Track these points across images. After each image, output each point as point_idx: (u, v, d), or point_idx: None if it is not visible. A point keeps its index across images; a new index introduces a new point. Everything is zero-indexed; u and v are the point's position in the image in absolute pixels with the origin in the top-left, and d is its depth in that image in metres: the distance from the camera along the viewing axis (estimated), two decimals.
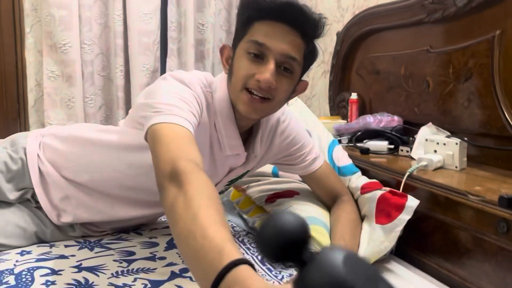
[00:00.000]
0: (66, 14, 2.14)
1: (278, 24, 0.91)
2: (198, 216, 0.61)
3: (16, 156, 1.17)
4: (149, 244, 1.22)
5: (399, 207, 1.07)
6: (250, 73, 0.91)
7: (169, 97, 0.87)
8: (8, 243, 1.13)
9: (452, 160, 1.23)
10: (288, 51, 0.91)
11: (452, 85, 1.38)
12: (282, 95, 0.96)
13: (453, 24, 1.39)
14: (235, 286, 0.51)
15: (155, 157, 0.78)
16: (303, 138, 1.20)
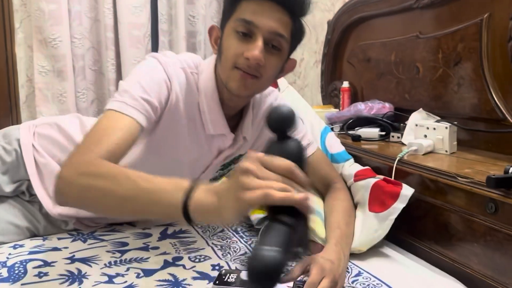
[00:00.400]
0: (56, 8, 2.13)
1: (265, 2, 0.92)
2: (127, 174, 0.73)
3: (9, 148, 1.17)
4: (142, 235, 1.22)
5: (394, 195, 1.07)
6: (239, 51, 0.92)
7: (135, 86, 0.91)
8: (1, 240, 1.13)
9: (442, 144, 1.24)
10: (276, 29, 0.92)
11: (442, 70, 1.39)
12: (270, 72, 0.96)
13: (442, 9, 1.39)
14: (204, 193, 0.64)
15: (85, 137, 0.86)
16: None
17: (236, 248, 1.15)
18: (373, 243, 1.10)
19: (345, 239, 1.03)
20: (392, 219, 1.08)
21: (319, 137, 1.38)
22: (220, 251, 1.13)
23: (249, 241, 1.20)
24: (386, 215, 1.08)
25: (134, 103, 0.89)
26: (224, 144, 1.09)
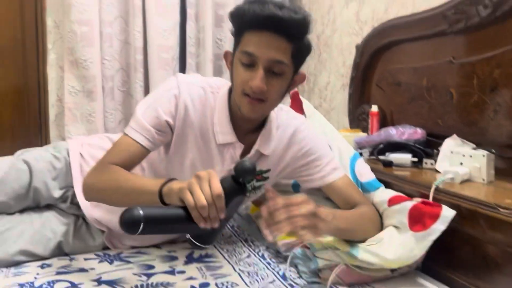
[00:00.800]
0: (88, 31, 2.17)
1: (264, 32, 0.99)
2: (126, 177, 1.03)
3: (59, 156, 1.30)
4: (168, 258, 1.21)
5: (434, 216, 1.02)
6: (245, 80, 1.03)
7: (140, 112, 1.10)
8: (33, 250, 1.16)
9: (479, 173, 1.20)
10: (274, 57, 1.01)
11: (477, 96, 1.35)
12: (275, 94, 1.06)
13: (477, 34, 1.36)
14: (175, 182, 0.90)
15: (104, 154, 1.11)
16: (320, 149, 1.22)
17: (263, 275, 1.12)
18: (406, 262, 1.05)
19: (343, 217, 1.06)
20: (430, 240, 1.02)
21: (348, 165, 1.35)
22: (248, 278, 1.10)
23: (277, 267, 1.17)
24: (425, 235, 1.03)
25: (140, 129, 1.08)
26: (235, 153, 1.15)
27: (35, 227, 1.19)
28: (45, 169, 1.27)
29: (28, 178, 1.24)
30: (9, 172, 1.24)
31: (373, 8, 1.94)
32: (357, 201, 1.19)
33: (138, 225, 0.78)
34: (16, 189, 1.23)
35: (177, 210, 0.84)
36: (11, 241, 1.15)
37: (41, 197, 1.25)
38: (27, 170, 1.25)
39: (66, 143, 1.35)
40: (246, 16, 1.00)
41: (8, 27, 2.28)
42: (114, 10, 2.29)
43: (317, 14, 2.40)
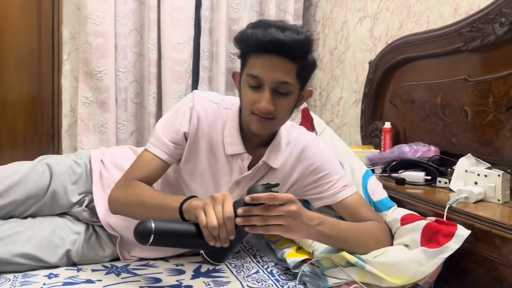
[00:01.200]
0: (103, 42, 2.20)
1: (268, 56, 1.03)
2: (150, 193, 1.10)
3: (80, 161, 1.34)
4: (176, 272, 1.19)
5: (448, 235, 1.00)
6: (252, 101, 1.07)
7: (160, 128, 1.18)
8: (41, 256, 1.16)
9: (494, 193, 1.17)
10: (279, 78, 1.04)
11: (493, 115, 1.33)
12: (283, 112, 1.10)
13: (493, 53, 1.35)
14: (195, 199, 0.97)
15: (128, 169, 1.19)
16: (330, 167, 1.22)
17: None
18: (414, 278, 1.01)
19: (335, 225, 1.06)
20: (442, 258, 0.99)
21: (360, 182, 1.33)
22: None
23: (285, 285, 1.15)
24: (437, 252, 1.00)
25: (159, 144, 1.16)
26: (243, 164, 1.17)
27: (45, 233, 1.20)
28: (66, 173, 1.29)
29: (48, 180, 1.27)
30: (29, 173, 1.26)
31: (387, 25, 1.94)
32: (368, 219, 1.18)
33: (149, 236, 0.86)
34: (35, 190, 1.25)
35: (189, 226, 0.92)
36: (19, 244, 1.15)
37: (58, 200, 1.27)
38: (48, 173, 1.28)
39: (88, 152, 1.39)
40: (250, 41, 1.04)
41: (25, 38, 2.32)
42: (129, 23, 2.32)
43: (331, 30, 2.41)
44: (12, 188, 1.23)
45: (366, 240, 1.10)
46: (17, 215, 1.25)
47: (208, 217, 0.88)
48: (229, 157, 1.17)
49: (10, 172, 1.25)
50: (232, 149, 1.16)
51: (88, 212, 1.28)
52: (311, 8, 2.63)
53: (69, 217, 1.28)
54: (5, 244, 1.14)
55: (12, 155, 2.26)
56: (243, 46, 1.08)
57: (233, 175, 1.18)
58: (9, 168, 1.28)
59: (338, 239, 1.07)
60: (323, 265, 1.10)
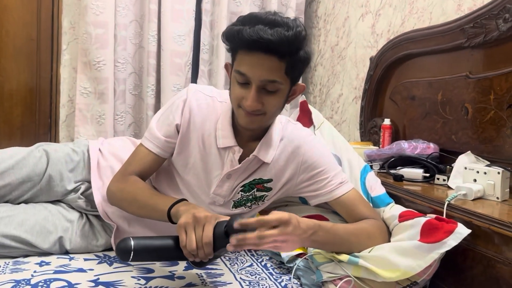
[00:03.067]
0: (102, 33, 2.18)
1: (255, 53, 0.99)
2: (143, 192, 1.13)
3: (78, 150, 1.33)
4: (169, 263, 1.18)
5: (447, 231, 0.98)
6: (240, 96, 1.05)
7: (154, 122, 1.19)
8: (33, 241, 1.16)
9: (493, 190, 1.16)
10: (266, 77, 1.01)
11: (493, 112, 1.31)
12: (272, 108, 1.07)
13: (495, 49, 1.33)
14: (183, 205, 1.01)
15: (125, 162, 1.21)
16: (326, 163, 1.19)
17: (265, 286, 1.09)
18: (408, 273, 0.98)
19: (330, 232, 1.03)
20: (438, 253, 0.97)
21: (358, 177, 1.31)
22: (248, 287, 1.07)
23: (279, 278, 1.13)
24: (433, 247, 0.97)
25: (152, 138, 1.17)
26: (234, 158, 1.15)
27: (37, 218, 1.19)
28: (63, 159, 1.29)
29: (45, 165, 1.26)
30: (26, 158, 1.26)
31: (389, 21, 1.92)
32: (365, 216, 1.16)
33: (129, 254, 0.90)
34: (31, 174, 1.24)
35: (169, 241, 0.95)
36: (11, 227, 1.14)
37: (53, 187, 1.26)
38: (45, 158, 1.28)
39: (86, 141, 1.39)
40: (236, 38, 1.01)
41: (24, 27, 2.30)
42: (129, 14, 2.30)
43: (332, 26, 2.39)
44: (7, 171, 1.22)
45: (362, 242, 1.08)
46: (12, 199, 1.24)
47: (188, 239, 0.92)
48: (221, 150, 1.16)
49: (7, 156, 1.25)
50: (223, 142, 1.15)
51: (83, 201, 1.27)
52: (313, 3, 2.61)
53: (63, 205, 1.27)
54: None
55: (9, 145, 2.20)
56: (230, 42, 1.05)
57: (224, 168, 1.16)
58: (6, 151, 1.27)
59: (333, 245, 1.05)
60: (317, 260, 1.09)
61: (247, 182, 1.18)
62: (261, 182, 1.20)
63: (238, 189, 1.19)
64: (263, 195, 1.22)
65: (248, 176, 1.18)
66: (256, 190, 1.20)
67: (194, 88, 1.19)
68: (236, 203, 1.21)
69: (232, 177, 1.17)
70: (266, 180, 1.19)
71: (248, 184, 1.19)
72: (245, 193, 1.20)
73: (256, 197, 1.22)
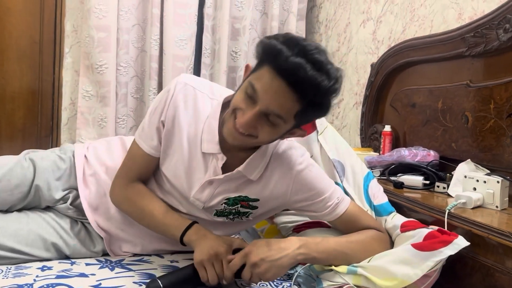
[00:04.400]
0: (105, 36, 2.20)
1: (279, 80, 0.91)
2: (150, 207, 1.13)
3: (64, 157, 1.27)
4: (170, 268, 1.18)
5: (445, 242, 0.98)
6: (239, 106, 0.97)
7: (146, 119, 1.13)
8: (29, 251, 1.14)
9: (492, 199, 1.17)
10: (273, 109, 0.93)
11: (493, 121, 1.33)
12: (265, 137, 1.00)
13: (495, 58, 1.34)
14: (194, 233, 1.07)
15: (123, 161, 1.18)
16: (319, 185, 1.13)
17: None
18: (406, 282, 0.98)
19: (320, 245, 1.04)
20: (434, 261, 0.97)
21: (361, 184, 1.31)
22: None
23: (279, 285, 1.14)
24: (429, 255, 0.98)
25: (145, 137, 1.12)
26: (218, 165, 1.09)
27: (31, 228, 1.16)
28: (50, 168, 1.24)
29: (32, 176, 1.21)
30: (13, 169, 1.21)
31: (390, 28, 1.94)
32: (366, 227, 1.15)
33: None
34: (19, 186, 1.20)
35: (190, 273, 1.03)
36: (5, 239, 1.12)
37: (41, 196, 1.22)
38: (32, 168, 1.22)
39: (72, 146, 1.33)
40: (276, 57, 0.91)
41: (27, 30, 2.31)
42: (132, 18, 2.31)
43: (334, 32, 2.40)
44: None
45: (358, 253, 1.07)
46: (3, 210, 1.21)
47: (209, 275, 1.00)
48: (205, 154, 1.09)
49: None
50: (207, 147, 1.08)
51: (73, 211, 1.23)
52: (314, 9, 2.63)
53: (56, 212, 1.24)
54: None
55: (11, 147, 2.25)
56: (264, 54, 0.95)
57: (207, 174, 1.10)
58: None
59: (327, 257, 1.05)
60: (315, 269, 1.09)
61: (232, 196, 1.13)
62: (246, 200, 1.14)
63: (222, 200, 1.13)
64: (247, 212, 1.17)
65: (233, 191, 1.12)
66: (240, 206, 1.16)
67: (184, 81, 1.10)
68: (218, 212, 1.16)
69: (214, 184, 1.11)
70: (252, 199, 1.14)
71: (233, 199, 1.14)
72: (228, 206, 1.15)
73: (240, 212, 1.17)
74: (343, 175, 1.34)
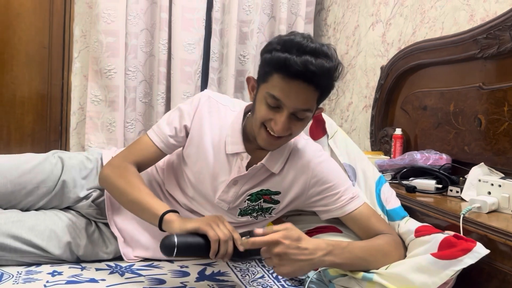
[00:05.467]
0: (113, 41, 2.20)
1: (295, 81, 0.99)
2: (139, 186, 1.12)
3: (92, 157, 1.34)
4: (180, 274, 1.18)
5: (465, 250, 0.96)
6: (267, 117, 1.05)
7: (165, 119, 1.21)
8: (45, 246, 1.16)
9: (508, 204, 1.14)
10: (301, 106, 1.03)
11: (507, 124, 1.30)
12: (295, 133, 1.10)
13: (509, 60, 1.32)
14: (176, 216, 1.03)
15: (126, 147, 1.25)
16: (336, 178, 1.19)
17: None
18: None
19: (345, 251, 1.02)
20: (453, 270, 0.95)
21: (373, 188, 1.30)
22: None
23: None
24: (448, 264, 0.96)
25: (159, 132, 1.19)
26: (242, 164, 1.16)
27: (47, 224, 1.19)
28: (77, 167, 1.29)
29: (59, 172, 1.26)
30: (42, 163, 1.27)
31: (400, 30, 1.92)
32: (379, 231, 1.15)
33: (173, 250, 0.96)
34: (46, 180, 1.25)
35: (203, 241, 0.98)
36: (22, 231, 1.15)
37: (66, 193, 1.26)
38: (60, 165, 1.28)
39: (100, 150, 1.40)
40: (281, 64, 0.99)
41: (36, 35, 2.33)
42: (140, 23, 2.31)
43: (342, 35, 2.39)
44: (24, 175, 1.23)
45: (379, 260, 1.06)
46: (25, 207, 1.24)
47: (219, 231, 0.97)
48: (229, 156, 1.17)
49: (22, 161, 1.26)
50: (232, 148, 1.16)
51: (93, 208, 1.27)
52: (322, 12, 2.62)
53: (72, 212, 1.27)
54: (8, 229, 1.13)
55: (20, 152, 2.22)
56: (269, 61, 1.03)
57: (232, 174, 1.17)
58: (21, 157, 1.29)
59: (350, 264, 1.04)
60: (330, 273, 1.08)
61: (254, 191, 1.19)
62: (268, 193, 1.19)
63: (245, 197, 1.19)
64: (270, 207, 1.21)
65: (255, 185, 1.18)
66: (263, 201, 1.20)
67: (208, 94, 1.21)
68: (242, 211, 1.21)
69: (239, 183, 1.18)
70: (273, 192, 1.19)
71: (256, 194, 1.19)
72: (251, 202, 1.20)
73: (263, 208, 1.21)
74: (355, 179, 1.32)
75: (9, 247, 1.12)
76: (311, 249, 0.97)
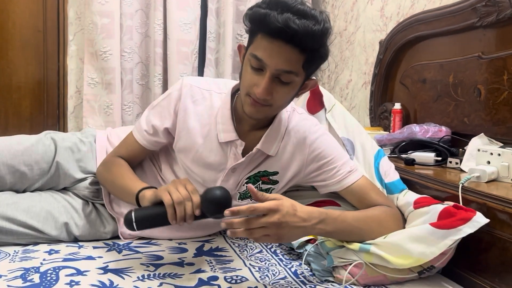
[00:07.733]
0: (108, 22, 2.17)
1: (277, 41, 0.96)
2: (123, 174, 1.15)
3: (86, 140, 1.32)
4: (178, 250, 1.18)
5: (464, 219, 0.95)
6: (251, 83, 1.02)
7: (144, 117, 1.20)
8: (41, 228, 1.15)
9: (507, 172, 1.13)
10: (283, 67, 0.98)
11: (507, 93, 1.28)
12: (280, 100, 1.05)
13: (509, 28, 1.29)
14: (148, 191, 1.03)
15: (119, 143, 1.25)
16: (334, 152, 1.17)
17: (275, 271, 1.07)
18: (421, 260, 0.96)
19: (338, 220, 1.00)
20: (452, 239, 0.94)
21: (372, 162, 1.28)
22: (258, 273, 1.06)
23: (289, 264, 1.12)
24: (447, 234, 0.94)
25: (140, 130, 1.19)
26: (237, 151, 1.13)
27: (43, 205, 1.18)
28: (70, 149, 1.28)
29: (53, 154, 1.26)
30: (35, 145, 1.25)
31: (398, 4, 1.89)
32: (377, 203, 1.13)
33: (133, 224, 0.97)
34: (39, 162, 1.24)
35: (161, 209, 0.97)
36: (18, 213, 1.14)
37: (61, 175, 1.26)
38: (53, 146, 1.27)
39: (93, 130, 1.38)
40: (262, 21, 0.96)
41: (30, 18, 2.30)
42: (135, 3, 2.29)
43: (340, 11, 2.35)
44: (16, 157, 1.22)
45: (374, 229, 1.05)
46: (22, 189, 1.24)
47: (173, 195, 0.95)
48: (223, 144, 1.14)
49: (15, 142, 1.25)
50: (224, 136, 1.12)
51: (90, 190, 1.26)
52: None
53: (69, 193, 1.27)
54: (3, 211, 1.13)
55: None
56: (253, 24, 1.00)
57: (228, 163, 1.14)
58: (13, 138, 1.28)
59: (342, 233, 1.03)
60: (327, 246, 1.07)
61: (252, 174, 1.17)
62: (266, 174, 1.18)
63: (244, 181, 1.17)
64: (269, 188, 1.19)
65: (253, 169, 1.16)
66: (262, 183, 1.18)
67: (189, 83, 1.15)
68: (241, 195, 1.20)
69: (237, 171, 1.16)
70: (271, 172, 1.17)
71: (253, 176, 1.17)
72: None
73: (262, 190, 1.18)
74: (353, 153, 1.31)
75: (4, 230, 1.12)
76: (305, 217, 0.95)
